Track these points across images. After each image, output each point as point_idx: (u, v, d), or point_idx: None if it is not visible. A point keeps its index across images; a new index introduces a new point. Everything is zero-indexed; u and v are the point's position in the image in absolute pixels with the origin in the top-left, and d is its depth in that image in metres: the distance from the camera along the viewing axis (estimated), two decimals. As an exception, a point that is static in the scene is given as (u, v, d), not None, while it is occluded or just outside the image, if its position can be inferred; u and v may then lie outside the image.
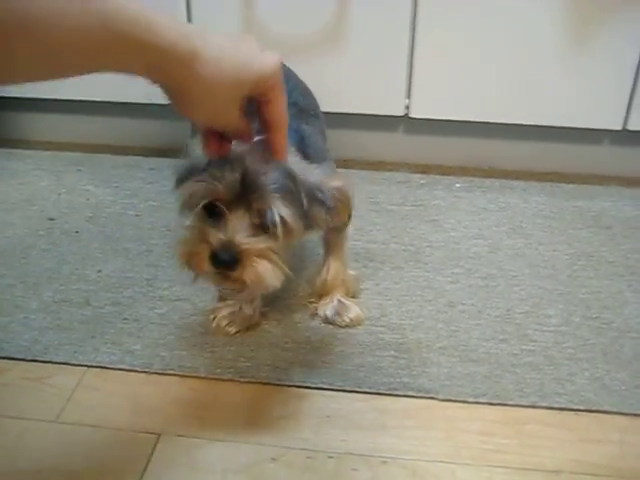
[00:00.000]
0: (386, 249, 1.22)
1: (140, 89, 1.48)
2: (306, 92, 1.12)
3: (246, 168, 0.75)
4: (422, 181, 1.44)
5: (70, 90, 1.47)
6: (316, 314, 1.07)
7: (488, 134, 1.45)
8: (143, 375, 0.97)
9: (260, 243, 0.77)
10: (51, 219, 1.30)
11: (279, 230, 0.77)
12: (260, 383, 0.95)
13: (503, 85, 1.36)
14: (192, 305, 1.09)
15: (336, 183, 0.84)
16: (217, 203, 0.77)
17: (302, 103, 1.05)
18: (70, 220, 1.30)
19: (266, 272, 0.78)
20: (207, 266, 0.77)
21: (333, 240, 1.05)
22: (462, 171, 1.47)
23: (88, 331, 1.04)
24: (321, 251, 1.07)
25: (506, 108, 1.38)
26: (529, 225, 1.30)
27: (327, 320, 1.05)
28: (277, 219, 0.76)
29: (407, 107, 1.40)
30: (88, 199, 1.37)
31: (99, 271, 1.16)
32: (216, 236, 0.76)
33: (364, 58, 1.36)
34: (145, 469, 0.83)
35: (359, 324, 1.05)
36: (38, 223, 1.29)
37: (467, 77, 1.36)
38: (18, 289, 1.12)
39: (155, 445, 0.86)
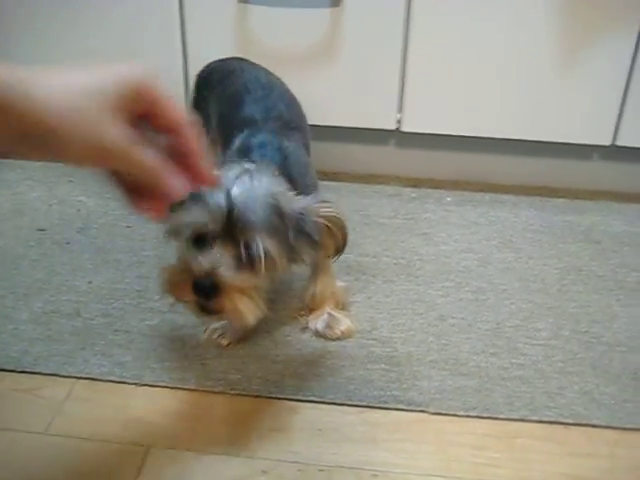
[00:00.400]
0: (377, 262, 1.23)
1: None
2: (291, 102, 1.12)
3: (233, 201, 0.76)
4: (413, 195, 1.44)
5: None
6: (307, 327, 1.07)
7: (479, 149, 1.46)
8: (133, 387, 0.96)
9: (242, 279, 0.79)
10: (42, 230, 1.30)
11: (262, 264, 0.78)
12: (251, 396, 0.95)
13: (494, 100, 1.37)
14: (183, 317, 1.08)
15: (324, 210, 0.84)
16: (203, 234, 0.79)
17: (286, 115, 1.06)
18: (61, 231, 1.30)
19: (244, 308, 0.80)
20: (189, 294, 0.79)
21: None
22: (453, 185, 1.47)
23: (78, 342, 1.03)
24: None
25: (497, 123, 1.40)
26: (519, 239, 1.30)
27: (318, 333, 1.05)
28: (261, 253, 0.77)
29: (399, 121, 1.41)
30: (79, 210, 1.36)
31: (90, 282, 1.16)
32: (199, 265, 0.78)
33: (356, 71, 1.37)
34: (135, 482, 0.83)
35: (350, 336, 1.05)
36: (29, 234, 1.29)
37: (458, 92, 1.37)
38: (8, 300, 1.12)
39: (145, 457, 0.86)
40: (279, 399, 0.95)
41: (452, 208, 1.40)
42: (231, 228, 0.77)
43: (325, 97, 1.39)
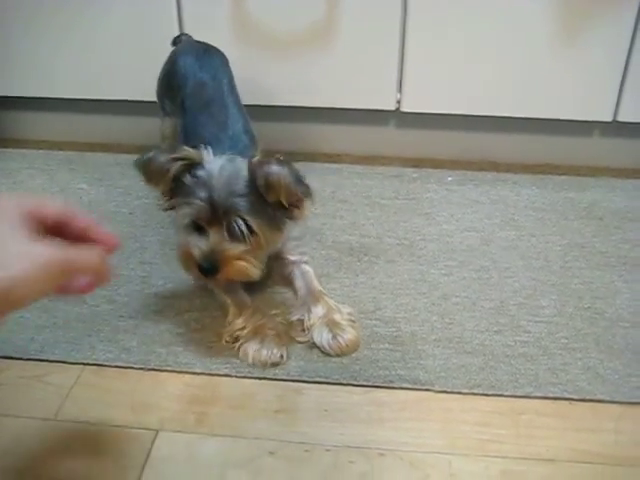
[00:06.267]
0: (380, 243, 1.23)
1: (132, 86, 1.49)
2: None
3: (213, 194, 0.91)
4: (414, 175, 1.44)
5: (62, 89, 1.47)
6: (310, 342, 1.01)
7: (479, 127, 1.45)
8: (140, 372, 0.97)
9: (234, 249, 0.93)
10: (44, 218, 1.30)
11: (247, 236, 0.92)
12: (256, 378, 0.96)
13: (494, 78, 1.37)
14: (187, 301, 1.09)
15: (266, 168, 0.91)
16: (199, 221, 0.94)
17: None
18: (64, 219, 1.30)
19: (243, 269, 0.94)
20: (198, 273, 0.94)
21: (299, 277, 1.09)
22: (454, 164, 1.47)
23: (84, 329, 1.04)
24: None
25: (497, 101, 1.39)
26: (521, 217, 1.30)
27: (324, 349, 0.99)
28: (244, 229, 0.92)
29: (398, 101, 1.41)
30: (81, 197, 1.37)
31: (94, 269, 1.16)
32: (198, 249, 0.93)
33: (355, 53, 1.36)
34: (144, 465, 0.83)
35: (355, 349, 1.00)
36: (32, 222, 1.29)
37: (458, 71, 1.37)
38: (13, 288, 1.12)
39: (153, 441, 0.86)
40: (285, 381, 0.95)
41: (454, 187, 1.40)
42: (217, 214, 0.92)
43: (324, 79, 1.39)
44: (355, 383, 0.95)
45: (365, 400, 0.93)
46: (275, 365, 0.97)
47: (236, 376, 0.96)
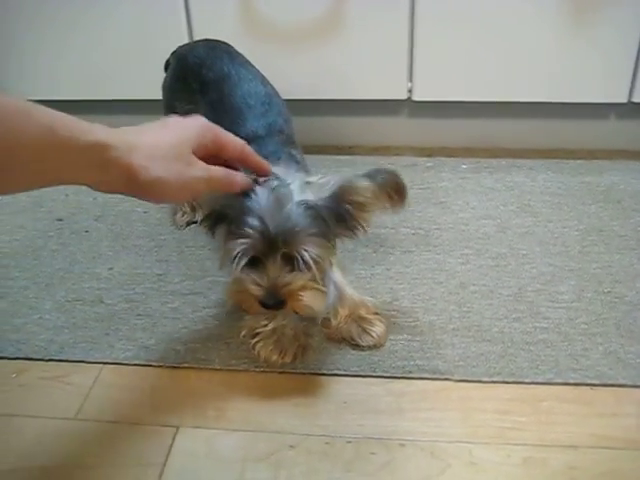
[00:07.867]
0: (395, 233, 1.22)
1: (141, 86, 1.49)
2: (288, 119, 1.10)
3: (268, 223, 0.81)
4: (428, 164, 1.44)
5: (73, 90, 1.48)
6: (338, 337, 1.00)
7: (492, 114, 1.44)
8: (159, 369, 0.97)
9: (299, 279, 0.83)
10: (60, 220, 1.31)
11: (312, 267, 0.82)
12: (275, 372, 0.96)
13: (505, 63, 1.35)
14: (204, 298, 1.09)
15: (351, 191, 0.84)
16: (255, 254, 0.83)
17: (287, 130, 1.06)
18: (79, 220, 1.31)
19: (312, 301, 0.84)
20: (259, 309, 0.85)
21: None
22: (468, 152, 1.46)
23: (102, 328, 1.04)
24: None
25: (509, 86, 1.38)
26: (537, 203, 1.29)
27: (352, 341, 0.99)
28: (308, 259, 0.82)
29: (410, 90, 1.40)
30: (95, 198, 1.37)
31: (110, 269, 1.17)
32: (259, 285, 0.83)
33: (365, 43, 1.35)
34: (165, 462, 0.83)
35: (384, 343, 0.99)
36: (47, 224, 1.30)
37: (468, 57, 1.35)
38: (31, 290, 1.13)
39: (174, 438, 0.87)
40: (303, 374, 0.95)
41: (468, 175, 1.39)
42: (276, 242, 0.81)
43: (334, 70, 1.38)
44: (374, 374, 0.95)
45: (384, 391, 0.92)
46: (285, 365, 0.96)
47: (254, 371, 0.96)
